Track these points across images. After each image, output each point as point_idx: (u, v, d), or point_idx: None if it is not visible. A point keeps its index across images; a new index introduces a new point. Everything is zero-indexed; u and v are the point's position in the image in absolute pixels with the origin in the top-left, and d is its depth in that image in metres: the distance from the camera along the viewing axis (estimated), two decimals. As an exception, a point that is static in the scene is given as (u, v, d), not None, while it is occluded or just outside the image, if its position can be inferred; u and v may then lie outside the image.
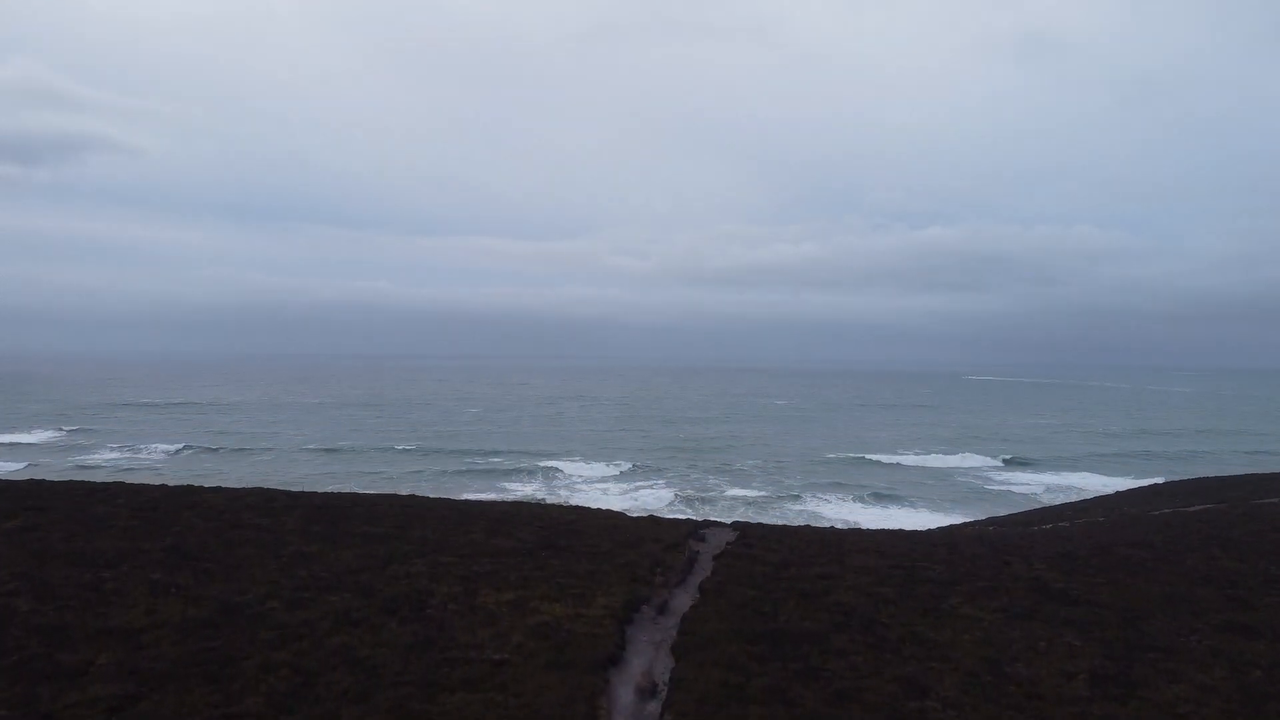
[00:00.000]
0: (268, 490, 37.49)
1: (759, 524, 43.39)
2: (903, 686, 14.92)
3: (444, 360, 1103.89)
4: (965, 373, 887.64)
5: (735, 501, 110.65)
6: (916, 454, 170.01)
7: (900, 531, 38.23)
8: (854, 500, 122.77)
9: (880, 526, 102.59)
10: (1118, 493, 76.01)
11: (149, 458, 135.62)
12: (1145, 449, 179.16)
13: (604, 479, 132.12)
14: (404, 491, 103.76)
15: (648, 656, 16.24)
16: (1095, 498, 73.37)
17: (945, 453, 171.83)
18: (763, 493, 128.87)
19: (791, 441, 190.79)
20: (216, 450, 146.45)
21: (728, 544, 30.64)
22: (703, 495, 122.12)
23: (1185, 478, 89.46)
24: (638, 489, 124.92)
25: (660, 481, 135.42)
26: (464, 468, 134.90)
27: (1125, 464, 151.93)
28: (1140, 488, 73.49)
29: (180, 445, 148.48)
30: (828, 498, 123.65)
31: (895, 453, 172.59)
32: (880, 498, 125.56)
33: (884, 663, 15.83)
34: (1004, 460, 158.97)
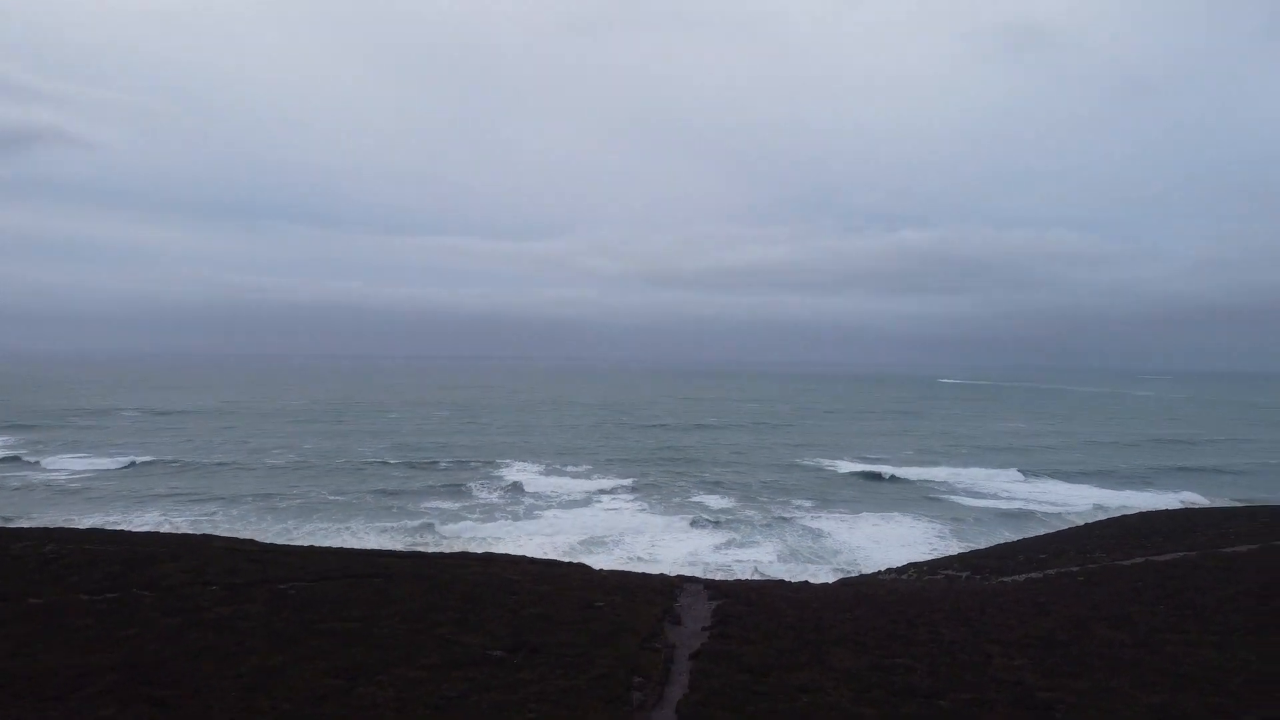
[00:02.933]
0: (230, 559, 36.38)
1: (734, 583, 42.88)
2: None
3: (417, 360, 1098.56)
4: (940, 376, 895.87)
5: (706, 520, 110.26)
6: (890, 464, 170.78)
7: (877, 599, 37.79)
8: (825, 513, 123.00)
9: (850, 540, 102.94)
10: (1087, 525, 76.42)
11: (97, 474, 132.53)
12: (1121, 460, 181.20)
13: (573, 497, 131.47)
14: (360, 523, 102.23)
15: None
16: (1069, 529, 73.71)
17: (920, 464, 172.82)
18: (735, 503, 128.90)
19: (763, 449, 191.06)
20: (167, 465, 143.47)
21: (704, 629, 30.03)
22: (676, 512, 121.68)
23: (1154, 508, 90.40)
24: (608, 508, 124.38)
25: (631, 496, 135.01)
26: (428, 484, 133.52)
27: (1100, 475, 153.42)
28: (1111, 521, 73.84)
29: (128, 461, 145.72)
30: (799, 510, 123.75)
31: (867, 461, 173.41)
32: (853, 508, 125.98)
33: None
34: (967, 468, 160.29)
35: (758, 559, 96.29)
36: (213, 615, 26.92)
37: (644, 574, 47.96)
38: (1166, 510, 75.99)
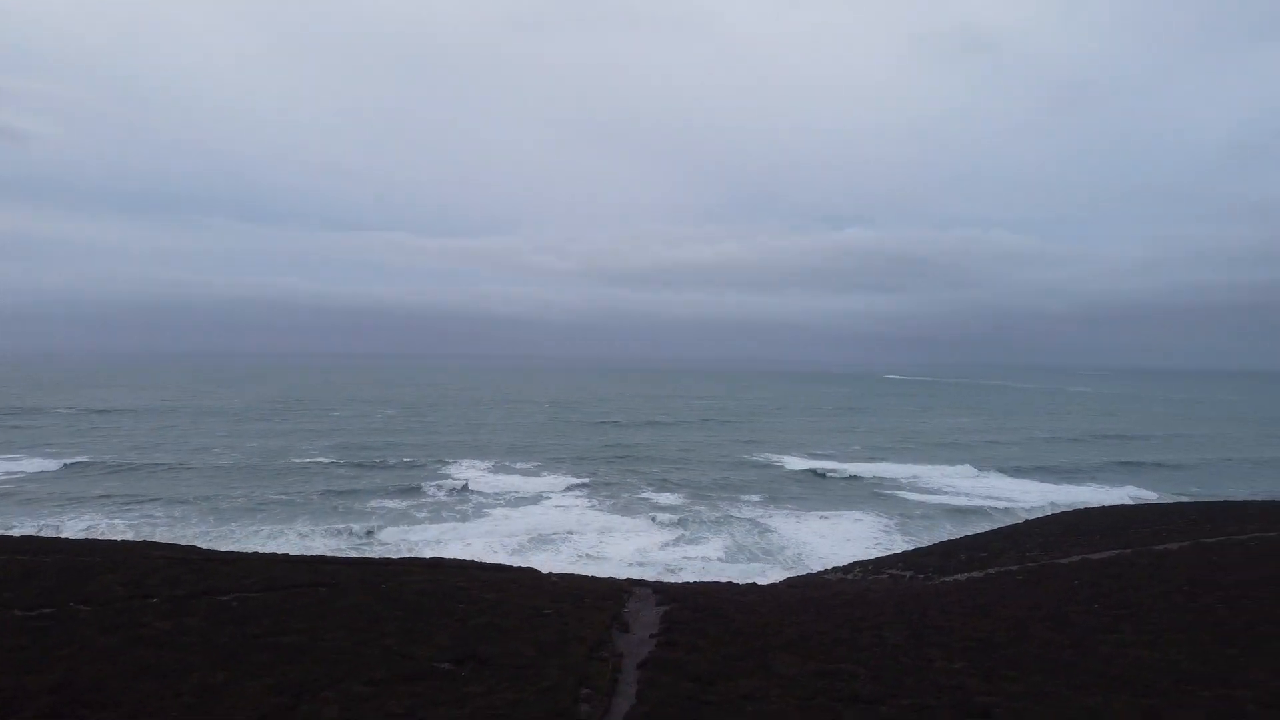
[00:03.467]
0: (171, 569, 35.66)
1: (682, 586, 43.16)
2: None
3: (359, 359, 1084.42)
4: (885, 372, 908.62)
5: (654, 517, 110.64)
6: (836, 460, 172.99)
7: (822, 603, 38.32)
8: (773, 510, 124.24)
9: (796, 537, 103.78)
10: (1026, 522, 78.16)
11: (29, 477, 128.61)
12: (1065, 455, 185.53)
13: (522, 495, 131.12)
14: (305, 524, 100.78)
15: None
16: (1009, 526, 75.27)
17: (866, 459, 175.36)
18: (683, 500, 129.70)
19: (712, 446, 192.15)
20: (106, 468, 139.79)
21: (652, 636, 30.20)
22: (625, 510, 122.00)
23: (1100, 503, 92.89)
24: (557, 505, 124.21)
25: (580, 493, 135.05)
26: (375, 484, 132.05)
27: (1044, 471, 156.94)
28: (1050, 518, 75.65)
29: (64, 462, 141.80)
30: (747, 507, 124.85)
31: (814, 458, 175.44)
32: (800, 504, 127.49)
33: None
34: (913, 464, 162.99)
35: (705, 556, 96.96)
36: (152, 631, 26.39)
37: (593, 578, 48.05)
38: (1103, 507, 78.11)
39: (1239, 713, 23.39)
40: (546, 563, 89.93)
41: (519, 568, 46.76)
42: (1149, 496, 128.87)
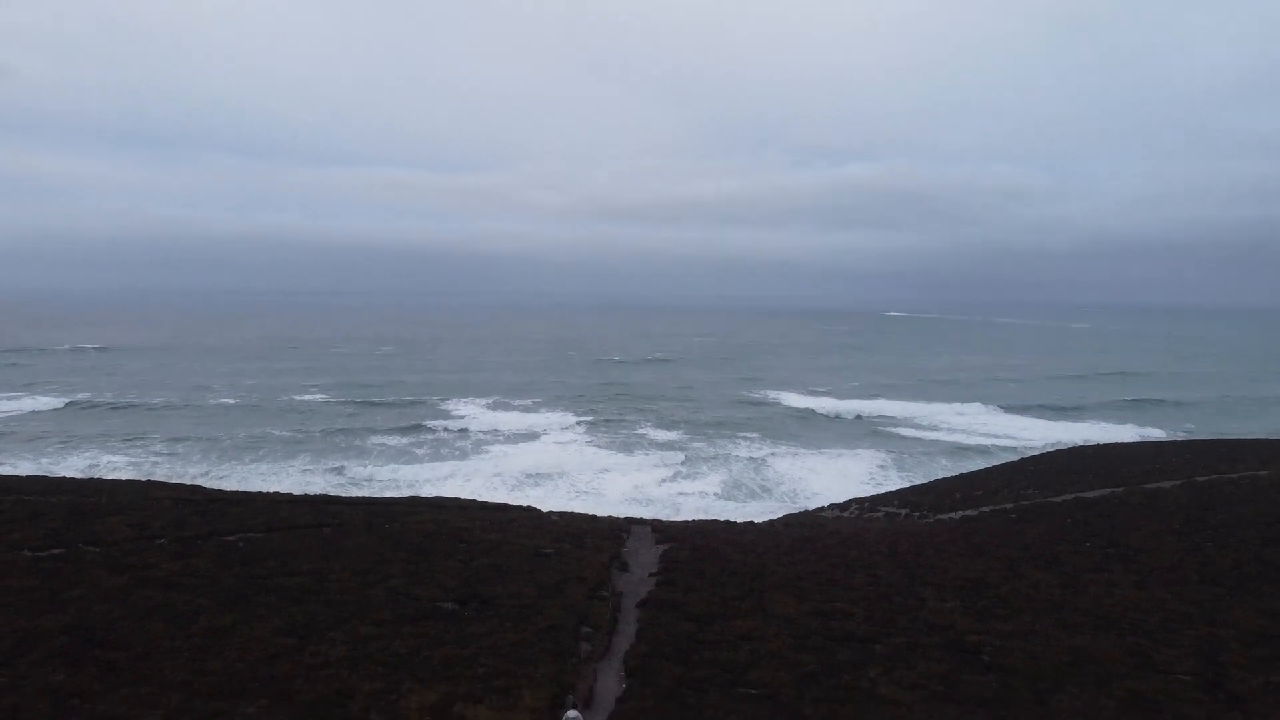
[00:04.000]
0: (176, 510, 36.14)
1: (680, 525, 43.78)
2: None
3: (356, 297, 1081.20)
4: (883, 309, 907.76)
5: (652, 453, 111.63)
6: (834, 397, 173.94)
7: (818, 542, 38.92)
8: (770, 446, 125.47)
9: (793, 473, 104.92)
10: (1022, 460, 78.87)
11: (30, 415, 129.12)
12: (1069, 393, 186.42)
13: (522, 432, 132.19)
14: (306, 462, 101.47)
15: (575, 787, 16.25)
16: (1005, 465, 75.98)
17: (864, 396, 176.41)
18: (682, 436, 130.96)
19: (711, 384, 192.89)
20: (106, 406, 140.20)
21: (651, 575, 30.76)
22: (624, 446, 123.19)
23: (1088, 442, 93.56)
24: (557, 442, 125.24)
25: (580, 431, 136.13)
26: (375, 422, 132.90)
27: (1047, 409, 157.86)
28: (1044, 456, 76.37)
29: (64, 400, 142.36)
30: (745, 443, 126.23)
31: (813, 395, 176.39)
32: (798, 441, 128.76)
33: (808, 786, 16.13)
34: (912, 401, 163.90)
35: (703, 491, 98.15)
36: (160, 572, 26.88)
37: (592, 516, 48.76)
38: (1098, 445, 78.82)
39: (1222, 650, 24.02)
40: (545, 499, 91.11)
41: (520, 507, 47.36)
42: (1148, 434, 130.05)
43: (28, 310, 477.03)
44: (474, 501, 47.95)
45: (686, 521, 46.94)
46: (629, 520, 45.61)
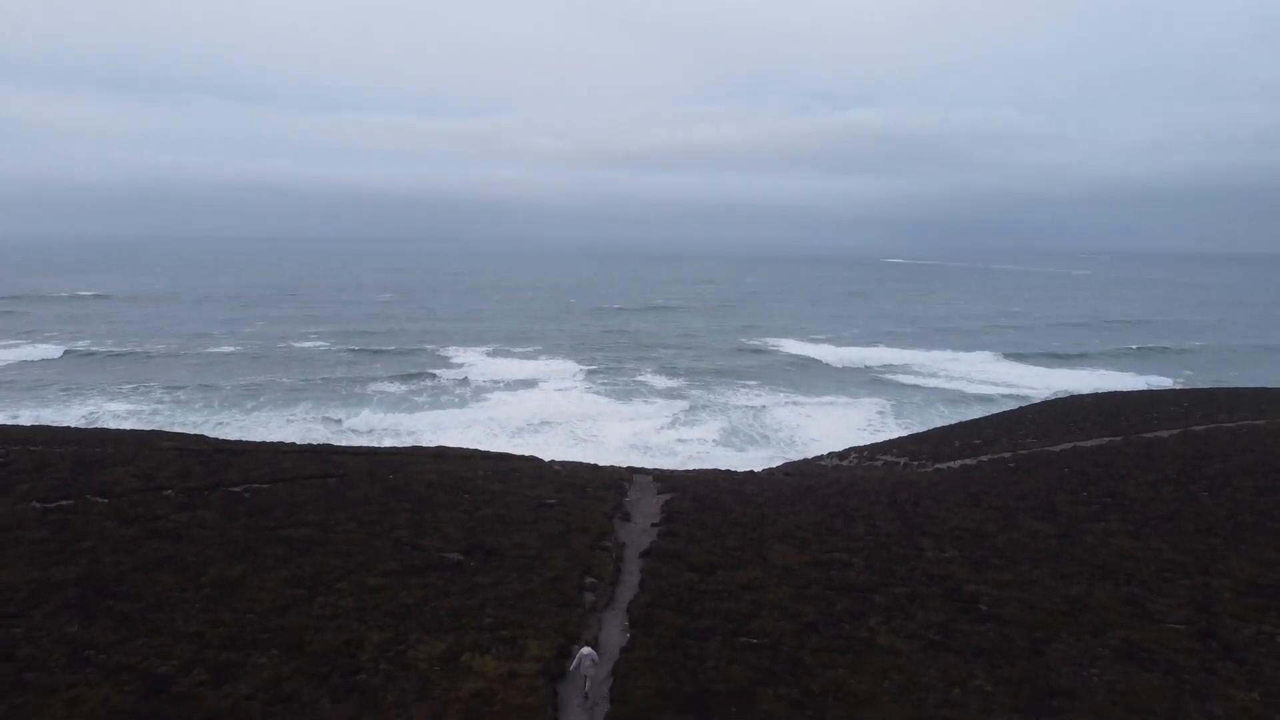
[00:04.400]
0: (181, 461, 36.42)
1: (682, 475, 44.14)
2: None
3: (354, 244, 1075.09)
4: (884, 257, 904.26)
5: (652, 401, 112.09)
6: (834, 344, 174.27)
7: (817, 492, 39.27)
8: (769, 394, 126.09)
9: (791, 420, 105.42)
10: (1020, 408, 79.25)
11: (31, 363, 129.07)
12: (1070, 340, 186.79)
13: (522, 380, 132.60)
14: (307, 410, 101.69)
15: (582, 735, 16.64)
16: (1002, 414, 76.34)
17: (864, 344, 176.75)
18: (682, 384, 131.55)
19: (712, 331, 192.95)
20: (106, 354, 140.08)
21: (653, 525, 31.12)
22: (624, 394, 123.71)
23: (1089, 389, 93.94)
24: (557, 389, 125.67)
25: (580, 378, 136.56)
26: (375, 370, 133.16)
27: (1049, 357, 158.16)
28: (1044, 404, 76.68)
29: (64, 348, 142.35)
30: (744, 390, 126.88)
31: (813, 342, 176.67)
32: (797, 388, 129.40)
33: (809, 734, 16.51)
34: (912, 349, 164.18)
35: (702, 439, 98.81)
36: (169, 523, 27.20)
37: (594, 466, 49.15)
38: (1097, 393, 79.14)
39: (1216, 600, 24.43)
40: (546, 446, 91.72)
41: (522, 456, 47.74)
42: (1150, 382, 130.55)
43: (21, 257, 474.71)
44: (476, 451, 48.31)
45: (687, 471, 47.35)
46: (630, 470, 45.98)
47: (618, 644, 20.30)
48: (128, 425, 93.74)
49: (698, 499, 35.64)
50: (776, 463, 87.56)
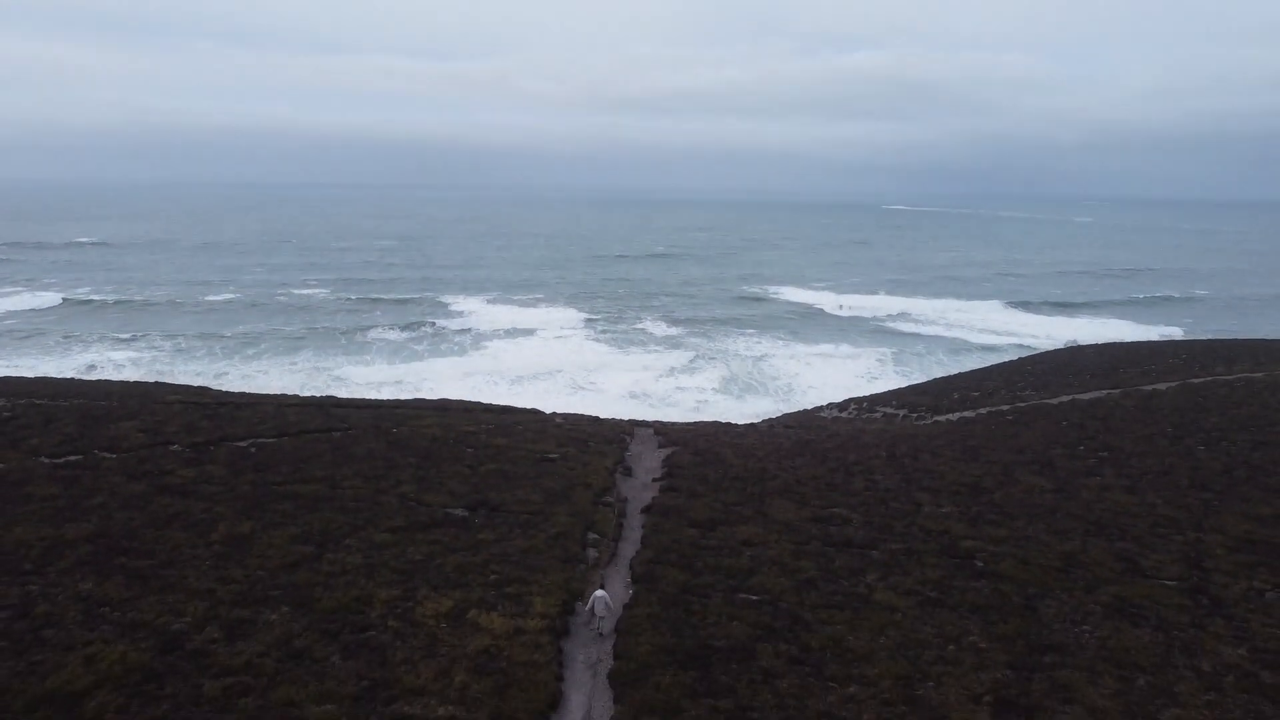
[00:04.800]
0: (187, 414, 36.72)
1: (682, 428, 44.52)
2: None
3: (352, 190, 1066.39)
4: (888, 203, 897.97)
5: (652, 349, 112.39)
6: (834, 292, 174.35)
7: (817, 445, 39.65)
8: (769, 341, 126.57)
9: (789, 368, 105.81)
10: (1019, 359, 79.50)
11: (34, 311, 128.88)
12: (1063, 290, 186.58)
13: (522, 328, 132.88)
14: (308, 358, 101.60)
15: (586, 691, 17.08)
16: (1001, 364, 76.62)
17: (864, 291, 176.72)
18: (681, 332, 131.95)
19: (712, 279, 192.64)
20: (106, 303, 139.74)
21: (654, 480, 31.53)
22: (623, 341, 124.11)
23: (1090, 339, 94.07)
24: (557, 336, 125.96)
25: (579, 326, 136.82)
26: (375, 319, 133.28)
27: (1050, 306, 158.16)
28: (1044, 355, 76.88)
29: (62, 296, 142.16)
30: (744, 338, 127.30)
31: (813, 290, 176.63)
32: (797, 336, 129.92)
33: (807, 690, 16.97)
34: (913, 297, 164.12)
35: (701, 387, 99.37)
36: (177, 479, 27.56)
37: (596, 418, 49.52)
38: (1096, 344, 79.36)
39: (1207, 556, 24.87)
40: (546, 394, 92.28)
41: (524, 409, 48.05)
42: (1157, 331, 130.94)
43: (17, 203, 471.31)
44: (479, 404, 48.60)
45: (688, 424, 47.71)
46: (632, 423, 46.34)
47: (621, 600, 20.72)
48: (129, 374, 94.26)
49: (698, 453, 36.02)
50: (776, 412, 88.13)
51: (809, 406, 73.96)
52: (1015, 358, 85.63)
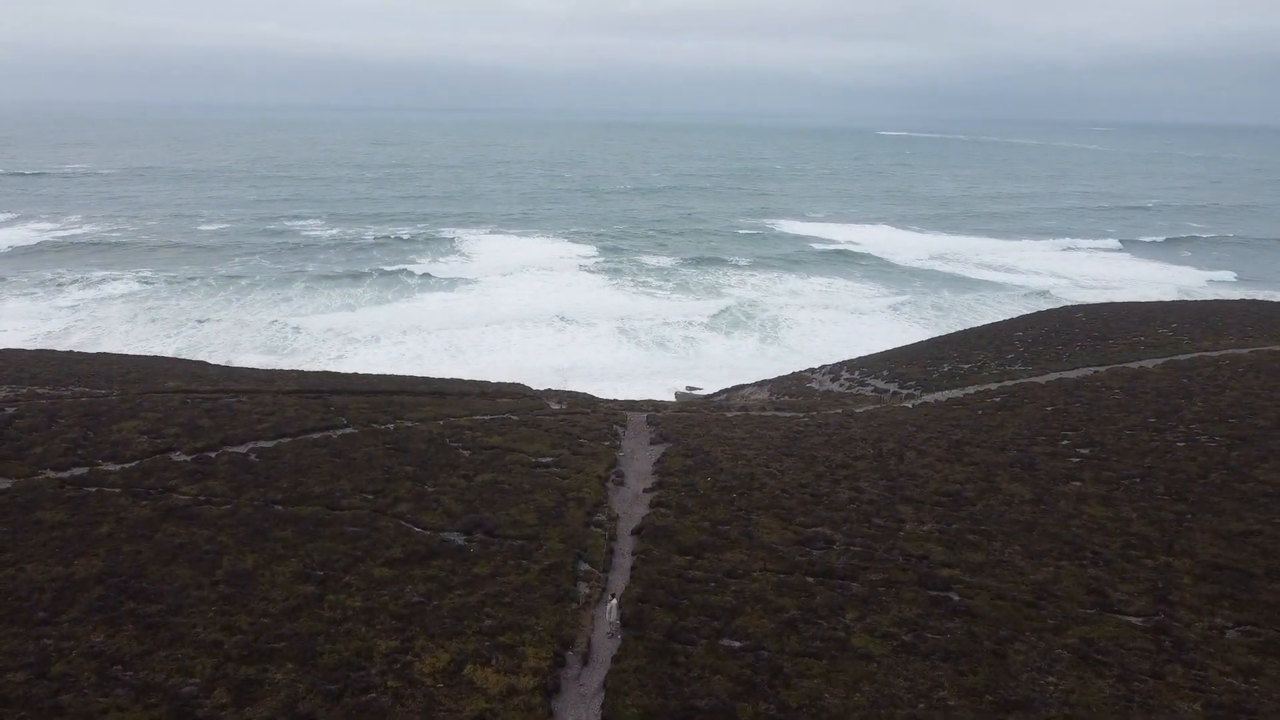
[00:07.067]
0: (186, 410, 37.44)
1: (672, 419, 45.33)
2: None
3: (341, 113, 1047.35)
4: (891, 128, 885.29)
5: (643, 281, 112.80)
6: (831, 223, 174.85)
7: (805, 445, 40.51)
8: (763, 275, 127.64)
9: (778, 301, 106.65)
10: (1009, 320, 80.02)
11: (16, 250, 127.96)
12: (1060, 223, 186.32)
13: (517, 261, 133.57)
14: (300, 299, 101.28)
15: (575, 759, 18.18)
16: (991, 327, 77.23)
17: (861, 221, 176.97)
18: (675, 263, 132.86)
19: (709, 211, 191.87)
20: (89, 237, 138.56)
21: (645, 491, 32.45)
22: (616, 272, 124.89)
23: (1086, 281, 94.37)
24: (548, 269, 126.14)
25: (574, 259, 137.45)
26: (367, 256, 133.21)
27: (1034, 237, 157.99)
28: (1032, 317, 77.36)
29: (51, 228, 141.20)
30: (737, 271, 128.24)
31: (810, 222, 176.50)
32: (792, 269, 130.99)
33: (783, 758, 18.06)
34: (912, 231, 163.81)
35: (691, 322, 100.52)
36: (180, 499, 28.44)
37: (589, 397, 50.43)
38: (1086, 307, 79.79)
39: (1174, 587, 25.90)
40: (539, 335, 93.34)
41: (516, 394, 48.74)
42: (1167, 275, 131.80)
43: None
44: (473, 388, 49.36)
45: (678, 412, 48.31)
46: (624, 407, 47.17)
47: (609, 651, 21.72)
48: (116, 310, 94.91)
49: (689, 453, 36.91)
50: (762, 352, 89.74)
51: (801, 366, 74.60)
52: (1016, 314, 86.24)
